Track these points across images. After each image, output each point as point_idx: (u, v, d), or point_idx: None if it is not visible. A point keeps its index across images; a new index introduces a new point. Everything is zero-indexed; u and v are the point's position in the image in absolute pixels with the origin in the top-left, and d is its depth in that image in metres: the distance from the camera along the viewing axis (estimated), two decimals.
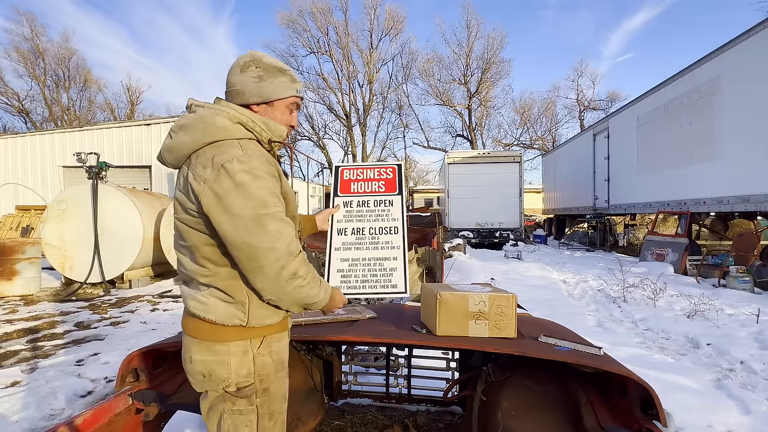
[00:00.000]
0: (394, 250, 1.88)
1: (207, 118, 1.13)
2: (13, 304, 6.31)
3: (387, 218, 1.90)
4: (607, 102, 32.74)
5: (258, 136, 1.18)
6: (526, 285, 7.17)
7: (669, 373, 3.25)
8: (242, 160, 1.08)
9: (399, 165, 2.00)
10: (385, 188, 1.93)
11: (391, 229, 1.89)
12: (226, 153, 1.09)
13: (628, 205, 12.35)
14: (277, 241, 1.08)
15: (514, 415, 1.82)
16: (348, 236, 1.86)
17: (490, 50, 31.34)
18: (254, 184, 1.07)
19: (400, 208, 1.92)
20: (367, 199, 1.90)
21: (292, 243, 1.11)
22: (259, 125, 1.18)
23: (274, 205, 1.10)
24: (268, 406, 1.21)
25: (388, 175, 1.95)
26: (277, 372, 1.24)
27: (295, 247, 1.12)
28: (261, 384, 1.19)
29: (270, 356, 1.22)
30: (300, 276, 1.12)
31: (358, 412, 2.62)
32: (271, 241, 1.07)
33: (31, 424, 2.63)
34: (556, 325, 2.12)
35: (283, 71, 1.23)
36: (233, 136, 1.13)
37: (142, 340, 4.34)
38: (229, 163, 1.07)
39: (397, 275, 1.86)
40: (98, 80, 33.88)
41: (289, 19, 31.10)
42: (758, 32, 7.17)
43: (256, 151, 1.14)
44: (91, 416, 1.48)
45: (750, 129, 7.41)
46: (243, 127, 1.16)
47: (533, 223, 23.94)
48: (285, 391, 1.28)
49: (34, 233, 10.65)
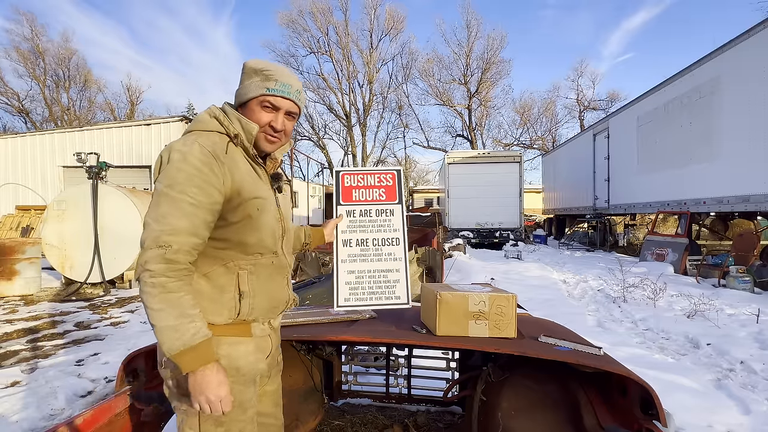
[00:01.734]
0: (396, 262, 1.93)
1: (197, 115, 1.22)
2: (13, 304, 6.31)
3: (388, 229, 1.96)
4: (607, 102, 32.78)
5: (226, 130, 1.19)
6: (526, 285, 7.17)
7: (669, 373, 3.25)
8: (185, 143, 1.10)
9: (398, 170, 2.03)
10: (385, 197, 1.98)
11: (393, 240, 1.95)
12: (185, 137, 1.14)
13: (628, 205, 12.35)
14: (157, 222, 1.03)
15: (514, 415, 1.82)
16: (353, 248, 1.92)
17: (490, 50, 31.39)
18: (176, 165, 1.06)
19: (400, 218, 1.98)
20: (368, 208, 1.96)
21: (167, 234, 1.01)
22: (229, 119, 1.20)
23: (180, 191, 1.04)
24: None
25: (388, 181, 2.00)
26: (236, 376, 1.16)
27: (166, 240, 1.01)
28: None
29: (237, 360, 1.16)
30: (149, 270, 1.00)
31: (358, 412, 2.62)
32: (152, 219, 1.04)
33: (31, 424, 2.63)
34: (556, 325, 2.12)
35: (258, 72, 1.22)
36: (203, 128, 1.17)
37: (142, 340, 4.34)
38: (175, 141, 1.11)
39: (400, 287, 1.93)
40: (98, 80, 33.96)
41: (289, 19, 31.14)
42: (758, 32, 7.18)
43: (209, 141, 1.13)
44: (91, 416, 1.48)
45: (750, 129, 7.42)
46: (216, 121, 1.19)
47: (533, 223, 23.94)
48: (242, 400, 1.18)
49: (34, 233, 10.65)
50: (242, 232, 1.18)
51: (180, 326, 1.01)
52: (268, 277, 1.26)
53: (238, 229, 1.17)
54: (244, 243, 1.19)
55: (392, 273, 1.92)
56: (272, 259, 1.27)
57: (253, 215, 1.18)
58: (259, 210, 1.19)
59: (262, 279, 1.23)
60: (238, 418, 1.17)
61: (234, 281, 1.18)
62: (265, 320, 1.27)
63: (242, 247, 1.19)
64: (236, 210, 1.15)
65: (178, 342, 1.01)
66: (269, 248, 1.25)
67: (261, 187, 1.23)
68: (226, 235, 1.16)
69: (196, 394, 1.05)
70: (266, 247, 1.24)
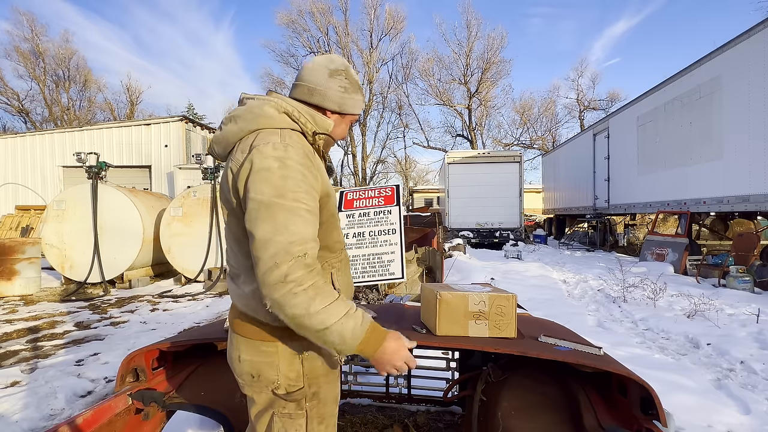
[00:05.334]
0: (391, 246, 2.13)
1: (255, 108, 1.12)
2: (12, 304, 6.30)
3: (386, 223, 2.14)
4: (607, 102, 32.78)
5: (303, 127, 1.14)
6: (526, 285, 7.18)
7: (669, 373, 3.25)
8: (276, 147, 1.03)
9: (397, 186, 2.20)
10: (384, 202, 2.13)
11: (390, 231, 2.12)
12: (264, 138, 1.06)
13: (628, 205, 12.35)
14: (279, 234, 0.96)
15: (514, 415, 1.82)
16: (349, 239, 2.08)
17: (490, 50, 31.37)
18: (279, 172, 1.00)
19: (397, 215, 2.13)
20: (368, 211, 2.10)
21: (298, 244, 0.98)
22: (304, 116, 1.14)
23: (293, 199, 1.00)
24: (317, 410, 1.17)
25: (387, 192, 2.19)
26: (327, 375, 1.19)
27: (299, 249, 0.97)
28: (310, 388, 1.15)
29: (320, 359, 1.17)
30: (293, 281, 0.95)
31: (358, 412, 2.62)
32: (272, 233, 0.97)
33: (31, 424, 2.63)
34: (556, 325, 2.12)
35: (361, 90, 1.26)
36: (277, 125, 1.11)
37: (142, 340, 4.34)
38: (263, 146, 1.03)
39: (395, 265, 2.09)
40: (98, 80, 33.93)
41: (289, 19, 31.13)
42: (758, 32, 7.18)
43: (296, 141, 1.08)
44: (91, 416, 1.48)
45: (750, 129, 7.42)
46: (288, 117, 1.13)
47: (533, 223, 23.93)
48: (336, 395, 1.24)
49: (34, 233, 10.64)
50: (329, 230, 1.19)
51: (351, 312, 1.01)
52: (346, 271, 1.29)
53: (326, 228, 1.17)
54: (331, 241, 1.19)
55: (387, 255, 2.09)
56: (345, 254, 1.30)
57: (334, 213, 1.20)
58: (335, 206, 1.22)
59: (343, 273, 1.26)
60: (333, 412, 1.22)
61: (330, 280, 1.17)
62: None
63: (330, 245, 1.20)
64: (324, 210, 1.14)
65: (359, 329, 1.01)
66: (343, 243, 1.29)
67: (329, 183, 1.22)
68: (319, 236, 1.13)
69: (387, 366, 1.05)
70: (342, 242, 1.28)
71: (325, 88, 1.17)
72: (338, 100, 1.19)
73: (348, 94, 1.20)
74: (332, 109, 1.20)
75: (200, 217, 7.84)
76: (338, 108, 1.20)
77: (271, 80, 34.30)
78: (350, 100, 1.21)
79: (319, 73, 1.18)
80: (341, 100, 1.19)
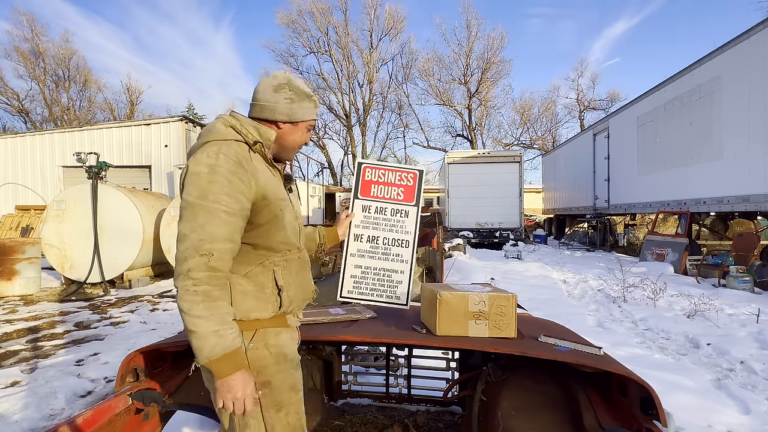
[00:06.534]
0: (402, 264, 2.01)
1: (210, 125, 1.26)
2: (13, 304, 6.30)
3: (401, 230, 2.02)
4: (607, 102, 32.79)
5: (245, 138, 1.24)
6: (526, 285, 7.18)
7: (669, 373, 3.25)
8: (209, 155, 1.15)
9: (420, 171, 2.07)
10: (403, 197, 2.02)
11: (403, 243, 2.02)
12: (205, 148, 1.18)
13: (628, 205, 12.35)
14: (194, 232, 1.08)
15: (514, 415, 1.82)
16: (363, 243, 2.01)
17: (490, 50, 31.37)
18: (207, 177, 1.12)
19: (414, 221, 2.03)
20: (384, 206, 1.99)
21: (207, 242, 1.08)
22: (246, 128, 1.26)
23: (214, 201, 1.10)
24: (272, 397, 1.25)
25: (408, 181, 2.05)
26: (278, 364, 1.26)
27: (207, 248, 1.08)
28: (259, 376, 1.22)
29: (267, 349, 1.25)
30: (192, 278, 1.06)
31: (358, 412, 2.62)
32: (189, 230, 1.09)
33: (31, 424, 2.63)
34: (556, 325, 2.12)
35: (309, 96, 1.35)
36: (222, 138, 1.21)
37: (142, 340, 4.34)
38: (200, 154, 1.16)
39: (402, 288, 2.02)
40: (98, 80, 33.91)
41: (289, 19, 31.12)
42: (758, 32, 7.18)
43: (232, 151, 1.18)
44: (91, 416, 1.48)
45: (750, 129, 7.42)
46: (233, 130, 1.24)
47: (533, 223, 23.93)
48: (294, 383, 1.31)
49: (34, 233, 10.64)
50: (271, 231, 1.27)
51: (222, 332, 1.08)
52: (298, 271, 1.37)
53: (267, 229, 1.26)
54: (273, 242, 1.28)
55: (396, 274, 1.99)
56: (298, 254, 1.38)
57: (279, 215, 1.27)
58: (282, 210, 1.29)
59: (293, 273, 1.34)
60: (292, 400, 1.30)
61: (271, 277, 1.27)
62: (297, 312, 1.39)
63: (272, 245, 1.28)
64: (263, 212, 1.23)
65: (218, 348, 1.07)
66: (294, 244, 1.36)
67: (280, 188, 1.32)
68: (257, 236, 1.25)
69: (226, 395, 1.11)
70: (292, 244, 1.34)
71: (273, 103, 1.30)
72: (287, 111, 1.31)
73: (295, 104, 1.32)
74: (283, 120, 1.32)
75: None
76: (288, 118, 1.32)
77: None
78: (298, 108, 1.32)
79: (264, 91, 1.31)
80: (289, 110, 1.32)
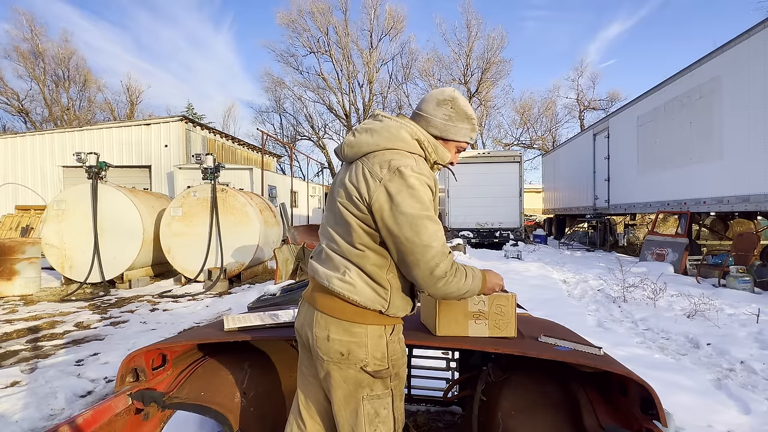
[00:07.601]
0: None
1: (393, 129, 1.34)
2: (12, 304, 6.30)
3: None
4: (607, 102, 32.77)
5: (427, 155, 1.37)
6: (526, 285, 7.18)
7: (669, 373, 3.25)
8: (414, 169, 1.26)
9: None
10: None
11: None
12: (402, 160, 1.27)
13: (628, 205, 12.35)
14: (434, 240, 1.22)
15: (514, 415, 1.82)
16: None
17: (490, 50, 31.34)
18: (421, 190, 1.24)
19: None
20: None
21: (445, 245, 1.26)
22: (430, 147, 1.38)
23: (434, 212, 1.27)
24: (399, 389, 1.36)
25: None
26: (403, 357, 1.39)
27: (447, 248, 1.26)
28: (394, 368, 1.33)
29: (399, 343, 1.37)
30: (449, 273, 1.25)
31: None
32: (429, 240, 1.21)
33: (31, 424, 2.63)
34: (556, 325, 2.12)
35: (469, 119, 1.42)
36: (409, 149, 1.33)
37: (142, 340, 4.34)
38: (404, 168, 1.25)
39: None
40: (98, 80, 33.90)
41: (289, 19, 31.11)
42: (758, 32, 7.18)
43: (424, 166, 1.31)
44: (91, 416, 1.48)
45: (750, 129, 7.42)
46: (418, 144, 1.35)
47: (533, 223, 23.93)
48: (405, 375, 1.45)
49: (34, 233, 10.64)
50: None
51: (475, 281, 1.35)
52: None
53: None
54: None
55: None
56: None
57: None
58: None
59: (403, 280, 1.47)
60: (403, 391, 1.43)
61: (410, 281, 1.36)
62: None
63: None
64: None
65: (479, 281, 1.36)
66: None
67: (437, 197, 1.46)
68: None
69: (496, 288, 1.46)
70: None
71: (431, 116, 1.39)
72: (442, 126, 1.40)
73: (451, 122, 1.40)
74: (435, 134, 1.41)
75: (200, 217, 7.84)
76: (440, 133, 1.40)
77: (271, 80, 34.35)
78: (453, 127, 1.40)
79: (429, 103, 1.41)
80: (444, 126, 1.40)
